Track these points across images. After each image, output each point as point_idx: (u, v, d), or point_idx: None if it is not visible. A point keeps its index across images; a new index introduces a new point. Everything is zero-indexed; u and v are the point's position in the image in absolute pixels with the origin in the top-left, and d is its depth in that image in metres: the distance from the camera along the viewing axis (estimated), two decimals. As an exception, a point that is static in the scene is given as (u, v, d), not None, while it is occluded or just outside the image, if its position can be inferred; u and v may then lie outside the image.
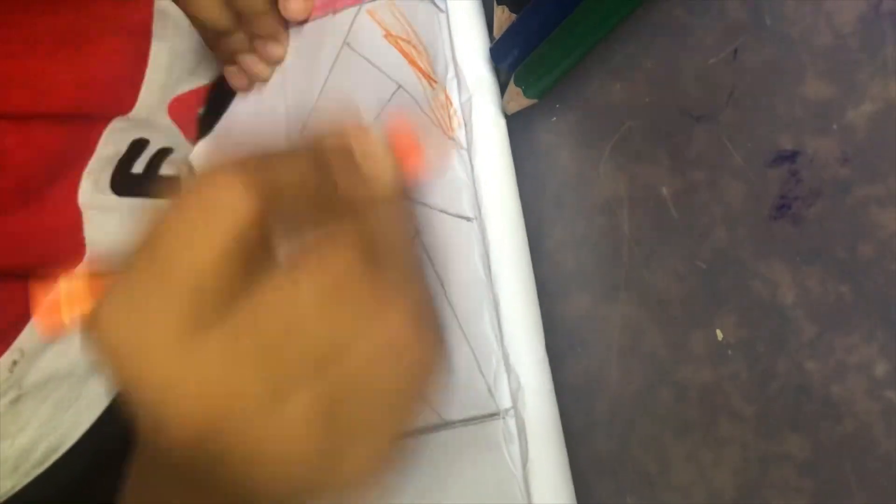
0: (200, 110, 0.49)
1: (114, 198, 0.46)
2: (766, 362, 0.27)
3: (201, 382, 0.27)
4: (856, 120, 0.26)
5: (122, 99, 0.45)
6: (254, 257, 0.28)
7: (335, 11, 0.40)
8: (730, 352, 0.28)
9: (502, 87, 0.36)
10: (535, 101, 0.35)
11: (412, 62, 0.38)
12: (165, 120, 0.47)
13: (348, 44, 0.40)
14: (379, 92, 0.39)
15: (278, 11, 0.41)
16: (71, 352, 0.46)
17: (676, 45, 0.30)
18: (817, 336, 0.27)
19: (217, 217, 0.27)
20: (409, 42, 0.38)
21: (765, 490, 0.27)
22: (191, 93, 0.47)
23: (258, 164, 0.28)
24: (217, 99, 0.46)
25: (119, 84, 0.44)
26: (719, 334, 0.29)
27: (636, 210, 0.31)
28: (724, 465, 0.28)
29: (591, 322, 0.32)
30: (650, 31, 0.31)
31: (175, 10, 0.44)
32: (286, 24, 0.42)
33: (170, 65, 0.46)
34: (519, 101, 0.35)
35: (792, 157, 0.28)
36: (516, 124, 0.35)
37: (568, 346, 0.32)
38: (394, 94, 0.38)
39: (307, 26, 0.41)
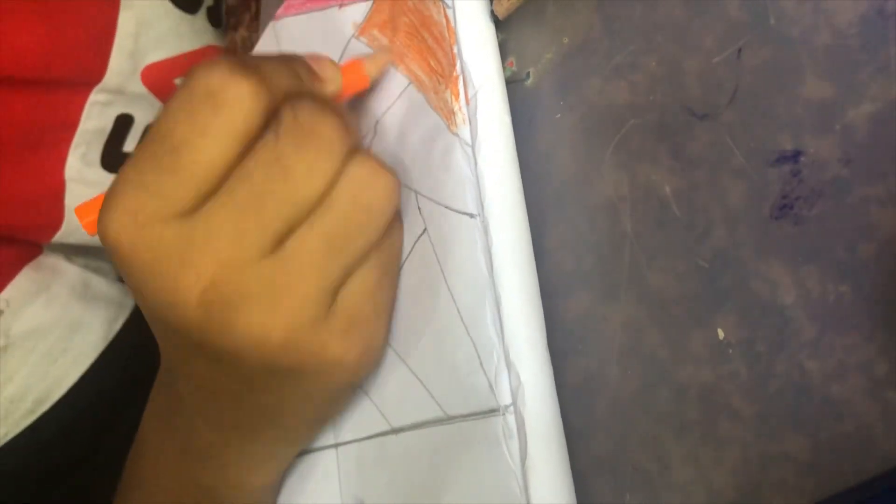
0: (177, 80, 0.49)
1: (104, 174, 0.48)
2: (766, 362, 0.27)
3: (207, 239, 0.29)
4: (856, 120, 0.26)
5: (91, 65, 0.45)
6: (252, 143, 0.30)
7: (341, 5, 0.40)
8: (730, 351, 0.28)
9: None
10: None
11: (420, 58, 0.38)
12: (141, 88, 0.48)
13: (357, 38, 0.40)
14: (388, 88, 0.39)
15: None
16: (57, 304, 0.47)
17: (680, 43, 0.30)
18: (817, 336, 0.27)
19: (230, 114, 0.29)
20: (415, 37, 0.38)
21: (765, 490, 0.27)
22: (164, 62, 0.48)
23: (256, 66, 0.30)
24: None
25: (87, 49, 0.45)
26: (720, 333, 0.29)
27: (638, 208, 0.31)
28: (724, 465, 0.28)
29: (591, 322, 0.32)
30: (653, 30, 0.31)
31: None
32: None
33: (136, 32, 0.46)
34: None
35: (794, 157, 0.27)
36: (519, 120, 0.35)
37: (568, 346, 0.32)
38: (403, 91, 0.38)
39: (311, 17, 0.41)
